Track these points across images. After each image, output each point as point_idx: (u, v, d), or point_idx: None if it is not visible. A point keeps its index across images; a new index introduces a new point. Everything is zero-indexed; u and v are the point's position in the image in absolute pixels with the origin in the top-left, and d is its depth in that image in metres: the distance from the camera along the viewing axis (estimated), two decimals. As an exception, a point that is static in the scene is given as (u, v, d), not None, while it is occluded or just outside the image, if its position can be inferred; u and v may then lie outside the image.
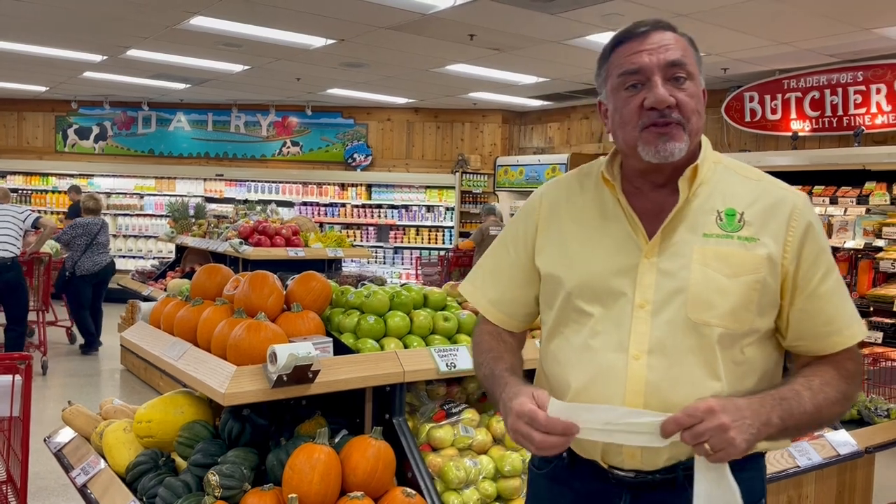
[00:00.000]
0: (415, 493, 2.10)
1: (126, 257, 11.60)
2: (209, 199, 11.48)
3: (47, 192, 12.05)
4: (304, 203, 11.74)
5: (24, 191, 11.98)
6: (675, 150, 1.38)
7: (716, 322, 1.38)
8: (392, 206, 11.62)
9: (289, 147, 11.96)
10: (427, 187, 11.47)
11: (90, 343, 7.71)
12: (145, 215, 11.94)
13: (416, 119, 11.74)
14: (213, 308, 2.42)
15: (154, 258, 11.18)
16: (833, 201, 6.83)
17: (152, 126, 12.11)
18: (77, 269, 7.46)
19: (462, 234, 10.91)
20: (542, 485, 1.60)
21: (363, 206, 11.68)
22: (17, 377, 2.77)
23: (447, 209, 11.38)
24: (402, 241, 11.51)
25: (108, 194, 11.84)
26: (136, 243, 11.91)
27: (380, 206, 11.66)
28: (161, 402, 2.48)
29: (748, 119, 8.26)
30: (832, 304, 1.43)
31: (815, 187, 6.95)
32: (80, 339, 7.81)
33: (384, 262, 11.47)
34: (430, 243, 11.36)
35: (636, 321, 1.41)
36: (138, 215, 11.94)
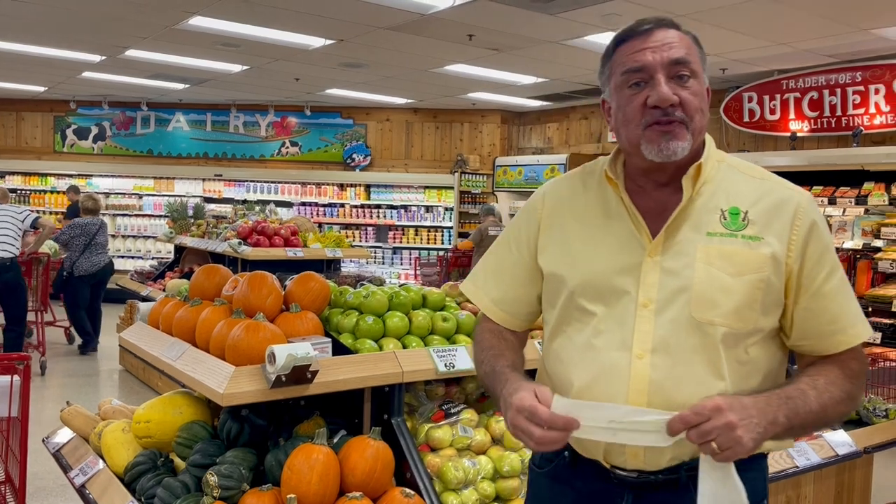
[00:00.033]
0: (413, 493, 2.10)
1: (125, 257, 11.59)
2: (208, 200, 11.48)
3: (46, 192, 12.04)
4: (303, 203, 11.74)
5: (22, 191, 11.97)
6: (677, 148, 1.37)
7: (720, 321, 1.37)
8: (391, 207, 11.62)
9: (288, 147, 11.95)
10: (426, 187, 11.47)
11: (87, 342, 7.70)
12: (144, 215, 11.93)
13: (415, 119, 11.74)
14: (212, 308, 2.42)
15: (153, 258, 11.18)
16: (832, 202, 6.84)
17: (151, 126, 12.10)
18: (75, 269, 7.45)
19: (461, 235, 10.91)
20: (543, 484, 1.59)
21: (362, 206, 11.68)
22: (16, 377, 2.77)
23: (446, 209, 11.38)
24: (400, 242, 11.51)
25: (107, 194, 11.84)
26: (134, 243, 11.91)
27: (379, 207, 11.66)
28: (160, 403, 2.48)
29: (747, 119, 8.27)
30: (836, 303, 1.42)
31: (814, 188, 6.96)
32: (79, 340, 7.81)
33: (383, 263, 11.46)
34: (428, 243, 11.36)
35: (640, 320, 1.40)
36: (137, 215, 11.94)
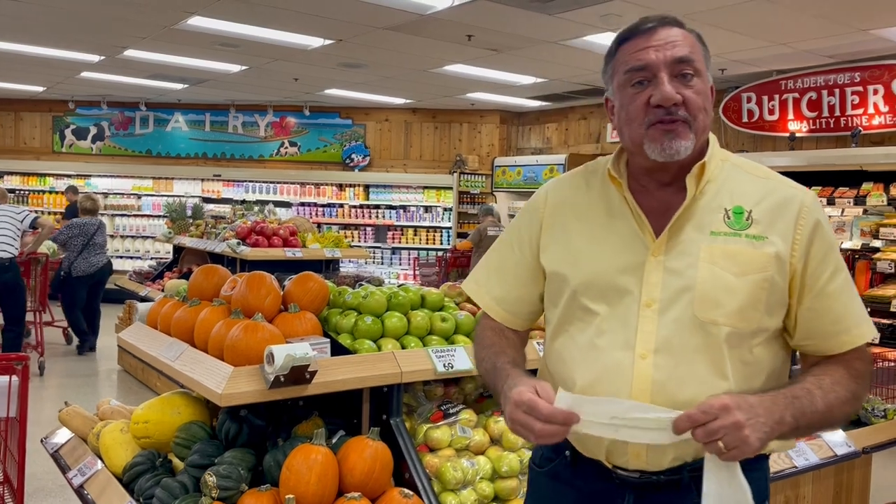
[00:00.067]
0: (412, 493, 2.10)
1: (123, 258, 11.58)
2: (207, 200, 11.48)
3: (44, 192, 12.03)
4: (302, 203, 11.73)
5: (21, 191, 11.96)
6: (680, 148, 1.36)
7: (723, 321, 1.36)
8: (390, 207, 11.61)
9: (286, 147, 11.95)
10: (425, 188, 11.47)
11: (83, 342, 7.70)
12: (143, 216, 11.92)
13: (413, 119, 11.74)
14: (211, 309, 2.42)
15: (151, 259, 11.17)
16: (830, 202, 6.85)
17: (150, 126, 12.10)
18: (73, 270, 7.43)
19: (460, 235, 10.91)
20: (544, 483, 1.59)
21: (361, 206, 11.67)
22: (14, 378, 2.77)
23: (445, 210, 11.37)
24: (399, 242, 11.50)
25: (106, 195, 11.83)
26: (133, 244, 11.90)
27: (377, 207, 11.66)
28: (158, 403, 2.48)
29: (746, 119, 8.27)
30: (840, 303, 1.42)
31: (813, 188, 6.95)
32: (77, 340, 7.80)
33: (382, 263, 11.46)
34: (427, 244, 11.35)
35: (643, 320, 1.39)
36: (136, 216, 11.93)
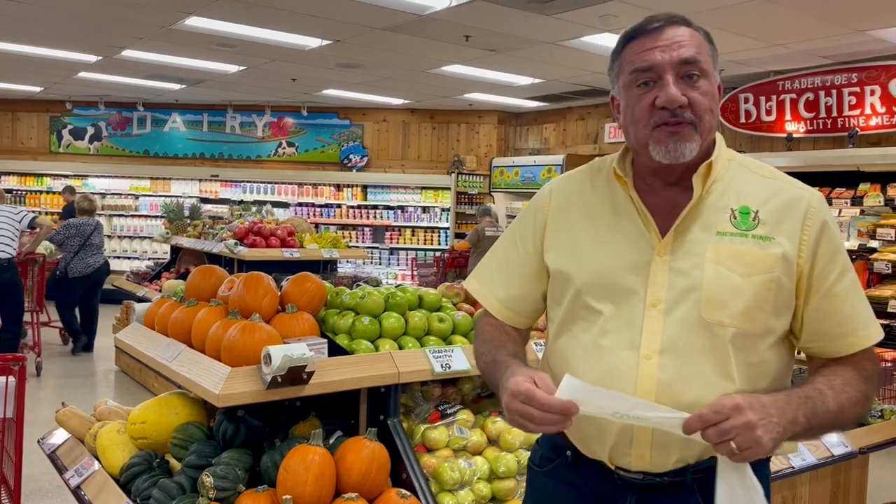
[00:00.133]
0: (409, 494, 2.10)
1: (121, 258, 11.56)
2: (204, 200, 11.45)
3: (42, 192, 12.01)
4: (300, 204, 11.72)
5: (18, 191, 11.94)
6: (686, 150, 1.36)
7: (729, 322, 1.35)
8: (388, 207, 11.61)
9: (284, 148, 11.94)
10: (423, 188, 11.47)
11: (76, 342, 7.69)
12: (140, 216, 11.91)
13: (411, 120, 11.74)
14: (208, 309, 2.42)
15: (149, 259, 11.16)
16: (827, 202, 6.83)
17: (147, 126, 12.09)
18: (69, 270, 7.41)
19: (458, 235, 10.91)
20: (543, 483, 1.58)
21: (359, 206, 11.67)
22: (11, 378, 2.77)
23: (443, 210, 11.37)
24: (397, 242, 11.50)
25: (103, 195, 11.82)
26: (130, 244, 11.89)
27: (375, 207, 11.66)
28: (155, 404, 2.48)
29: (743, 120, 8.28)
30: (847, 304, 1.41)
31: (810, 188, 6.96)
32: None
33: (380, 263, 11.45)
34: (425, 244, 11.35)
35: (648, 320, 1.38)
36: (133, 216, 11.92)
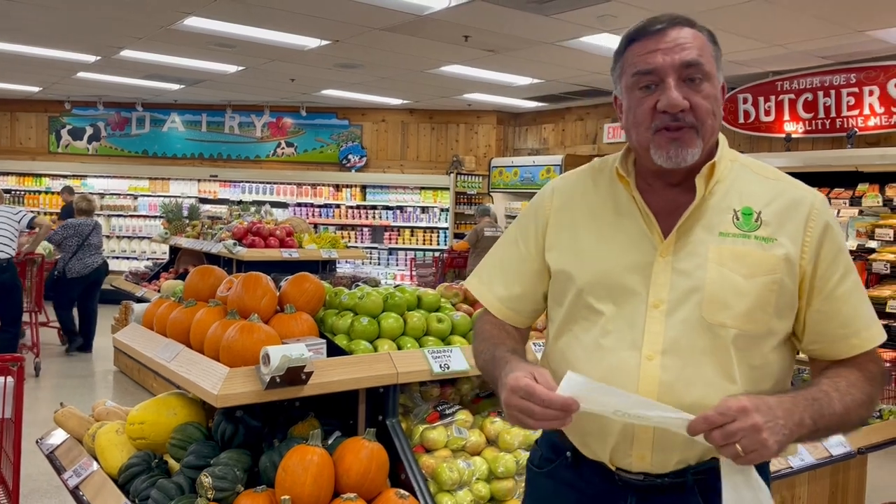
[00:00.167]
0: (408, 494, 2.10)
1: (120, 258, 11.55)
2: (203, 200, 11.43)
3: (40, 192, 12.00)
4: (299, 204, 11.72)
5: (17, 192, 11.92)
6: (687, 155, 1.35)
7: (731, 323, 1.35)
8: (386, 208, 11.61)
9: (283, 148, 11.94)
10: (422, 188, 11.47)
11: (72, 341, 7.69)
12: (139, 216, 11.90)
13: (410, 120, 11.74)
14: (207, 309, 2.41)
15: (148, 259, 11.15)
16: (826, 203, 6.85)
17: (146, 127, 12.08)
18: (67, 270, 7.40)
19: (457, 236, 10.91)
20: (543, 483, 1.57)
21: (357, 207, 11.67)
22: (10, 378, 2.77)
23: (442, 210, 11.37)
24: (396, 243, 11.50)
25: (102, 195, 11.81)
26: (129, 244, 11.88)
27: (374, 208, 11.66)
28: (154, 404, 2.47)
29: (742, 120, 8.28)
30: (850, 306, 1.40)
31: (809, 189, 6.97)
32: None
33: (378, 264, 11.45)
34: (424, 244, 11.35)
35: (650, 321, 1.37)
36: (132, 216, 11.91)
